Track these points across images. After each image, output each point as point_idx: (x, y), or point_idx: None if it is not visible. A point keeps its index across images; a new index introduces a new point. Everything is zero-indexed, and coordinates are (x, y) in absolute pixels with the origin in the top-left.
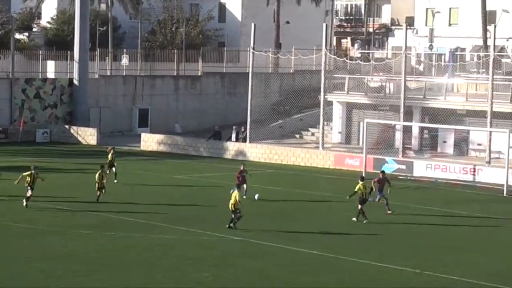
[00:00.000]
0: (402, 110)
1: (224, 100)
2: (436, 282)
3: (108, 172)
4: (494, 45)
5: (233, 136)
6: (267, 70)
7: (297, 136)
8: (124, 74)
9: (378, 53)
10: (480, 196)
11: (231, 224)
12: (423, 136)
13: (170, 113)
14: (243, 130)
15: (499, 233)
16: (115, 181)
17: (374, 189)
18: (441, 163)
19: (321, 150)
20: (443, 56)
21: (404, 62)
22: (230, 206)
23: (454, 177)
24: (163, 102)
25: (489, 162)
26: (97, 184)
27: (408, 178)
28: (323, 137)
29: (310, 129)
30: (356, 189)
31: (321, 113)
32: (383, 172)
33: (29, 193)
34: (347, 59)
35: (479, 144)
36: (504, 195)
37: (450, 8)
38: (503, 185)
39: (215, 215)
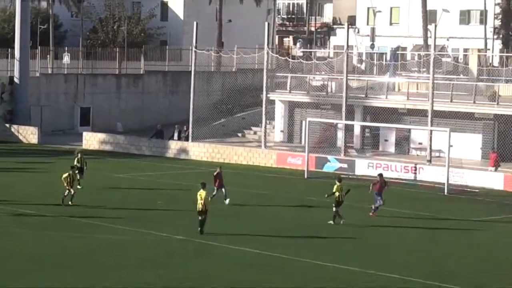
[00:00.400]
0: (344, 109)
1: (167, 99)
2: (379, 281)
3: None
4: (435, 45)
5: (176, 135)
6: (209, 68)
7: (240, 135)
8: (65, 72)
9: (320, 52)
10: (421, 194)
11: (202, 228)
12: (364, 135)
13: (112, 112)
14: (185, 128)
15: (442, 233)
16: (79, 187)
17: (370, 191)
18: (382, 161)
19: (263, 149)
20: (384, 55)
21: (346, 61)
22: (198, 206)
23: (396, 175)
24: (105, 101)
25: (430, 161)
26: (66, 185)
27: (350, 176)
28: (265, 136)
29: (252, 128)
30: (334, 190)
31: (264, 112)
32: (380, 175)
33: None
34: (289, 58)
35: (420, 143)
36: (445, 193)
37: (391, 8)
38: (444, 184)
39: (158, 215)
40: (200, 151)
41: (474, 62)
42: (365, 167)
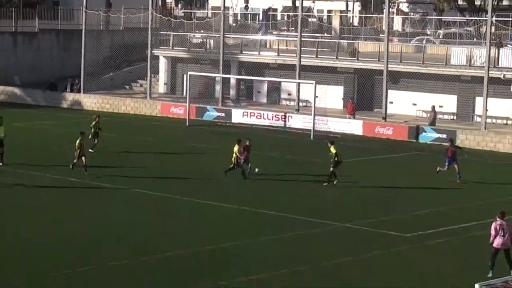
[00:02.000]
0: (221, 63)
1: (60, 55)
2: (251, 215)
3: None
4: (302, 6)
5: (68, 87)
6: (99, 27)
7: (127, 87)
8: None
9: (199, 13)
10: (290, 140)
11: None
12: (240, 87)
13: (9, 68)
14: (77, 82)
15: (309, 171)
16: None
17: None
18: (256, 111)
19: (148, 100)
20: (257, 16)
21: (222, 21)
22: (232, 160)
23: (267, 123)
24: (2, 58)
25: (298, 110)
26: (77, 151)
27: (227, 124)
28: (150, 88)
29: (138, 81)
30: (333, 152)
31: (149, 67)
32: (451, 140)
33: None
34: (171, 18)
35: (289, 94)
36: (311, 138)
37: None
38: (310, 130)
39: (56, 158)
40: (91, 102)
41: (336, 22)
42: (240, 115)
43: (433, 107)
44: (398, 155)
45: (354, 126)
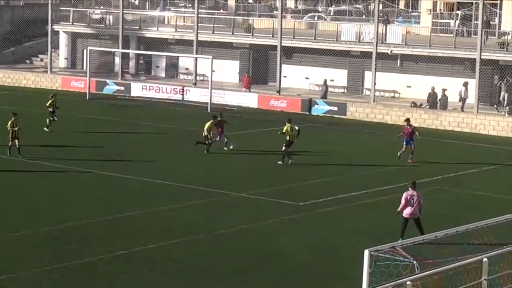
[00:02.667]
0: (120, 39)
1: None
2: (150, 185)
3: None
4: None
5: None
6: None
7: (28, 62)
8: None
9: None
10: (188, 113)
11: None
12: (139, 61)
13: None
14: None
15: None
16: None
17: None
18: (154, 84)
19: (49, 74)
20: None
21: None
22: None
23: (166, 96)
24: None
25: (195, 84)
26: (10, 133)
27: (127, 98)
28: (51, 62)
29: (39, 55)
30: (284, 130)
31: (49, 42)
32: (408, 120)
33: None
34: None
35: (186, 68)
36: (208, 111)
37: None
38: (207, 103)
39: None
40: None
41: None
42: (139, 89)
43: (325, 81)
44: None
45: (249, 99)
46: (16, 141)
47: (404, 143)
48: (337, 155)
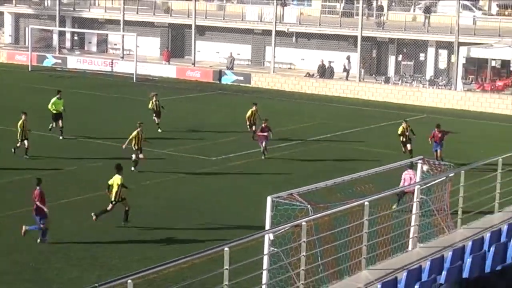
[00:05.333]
0: (57, 19)
1: None
2: (83, 144)
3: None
4: None
5: None
6: None
7: None
8: None
9: None
10: (117, 82)
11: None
12: (74, 38)
13: None
14: None
15: (131, 108)
16: (160, 130)
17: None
18: (87, 58)
19: None
20: None
21: None
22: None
23: (97, 68)
24: None
25: (122, 57)
26: (21, 134)
27: (64, 69)
28: None
29: None
30: (248, 114)
31: None
32: (438, 126)
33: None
34: None
35: (115, 44)
36: (134, 81)
37: None
38: (133, 74)
39: None
40: None
41: None
42: (74, 62)
43: (231, 53)
44: (205, 93)
45: (169, 71)
46: (26, 142)
47: (433, 149)
48: (243, 117)
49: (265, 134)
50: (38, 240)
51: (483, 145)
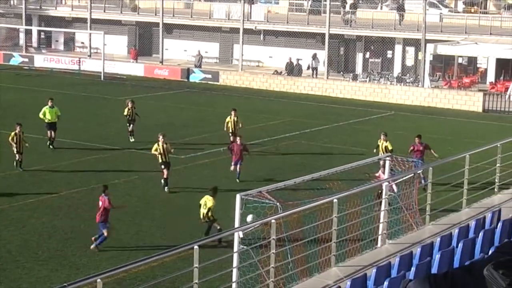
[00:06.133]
0: (23, 17)
1: None
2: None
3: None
4: None
5: None
6: None
7: None
8: None
9: None
10: (84, 80)
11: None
12: (41, 36)
13: None
14: None
15: (102, 106)
16: (132, 140)
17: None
18: (55, 56)
19: None
20: None
21: None
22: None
23: (64, 67)
24: None
25: (90, 56)
26: (18, 147)
27: (31, 68)
28: None
29: None
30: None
31: None
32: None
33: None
34: None
35: (82, 42)
36: (102, 79)
37: None
38: (101, 72)
39: None
40: None
41: None
42: (41, 60)
43: (199, 51)
44: (173, 91)
45: (136, 69)
46: (19, 155)
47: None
48: (212, 116)
49: (238, 155)
50: (92, 246)
51: (450, 142)
